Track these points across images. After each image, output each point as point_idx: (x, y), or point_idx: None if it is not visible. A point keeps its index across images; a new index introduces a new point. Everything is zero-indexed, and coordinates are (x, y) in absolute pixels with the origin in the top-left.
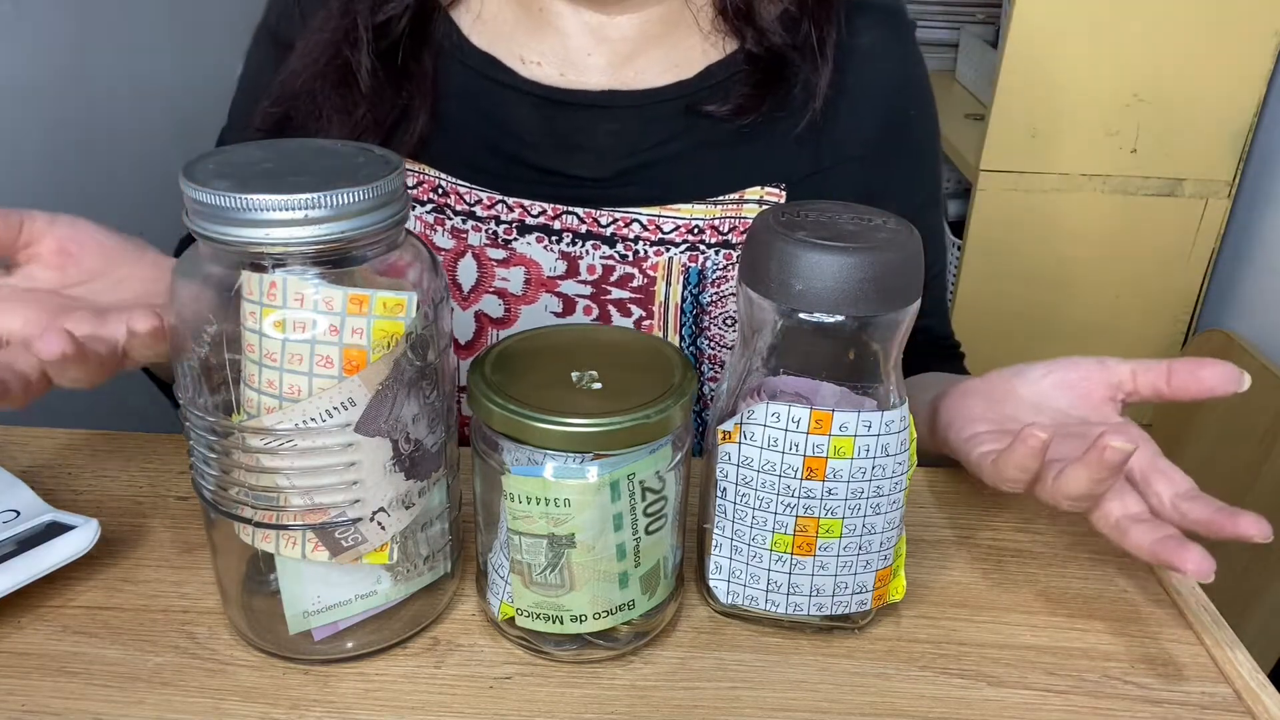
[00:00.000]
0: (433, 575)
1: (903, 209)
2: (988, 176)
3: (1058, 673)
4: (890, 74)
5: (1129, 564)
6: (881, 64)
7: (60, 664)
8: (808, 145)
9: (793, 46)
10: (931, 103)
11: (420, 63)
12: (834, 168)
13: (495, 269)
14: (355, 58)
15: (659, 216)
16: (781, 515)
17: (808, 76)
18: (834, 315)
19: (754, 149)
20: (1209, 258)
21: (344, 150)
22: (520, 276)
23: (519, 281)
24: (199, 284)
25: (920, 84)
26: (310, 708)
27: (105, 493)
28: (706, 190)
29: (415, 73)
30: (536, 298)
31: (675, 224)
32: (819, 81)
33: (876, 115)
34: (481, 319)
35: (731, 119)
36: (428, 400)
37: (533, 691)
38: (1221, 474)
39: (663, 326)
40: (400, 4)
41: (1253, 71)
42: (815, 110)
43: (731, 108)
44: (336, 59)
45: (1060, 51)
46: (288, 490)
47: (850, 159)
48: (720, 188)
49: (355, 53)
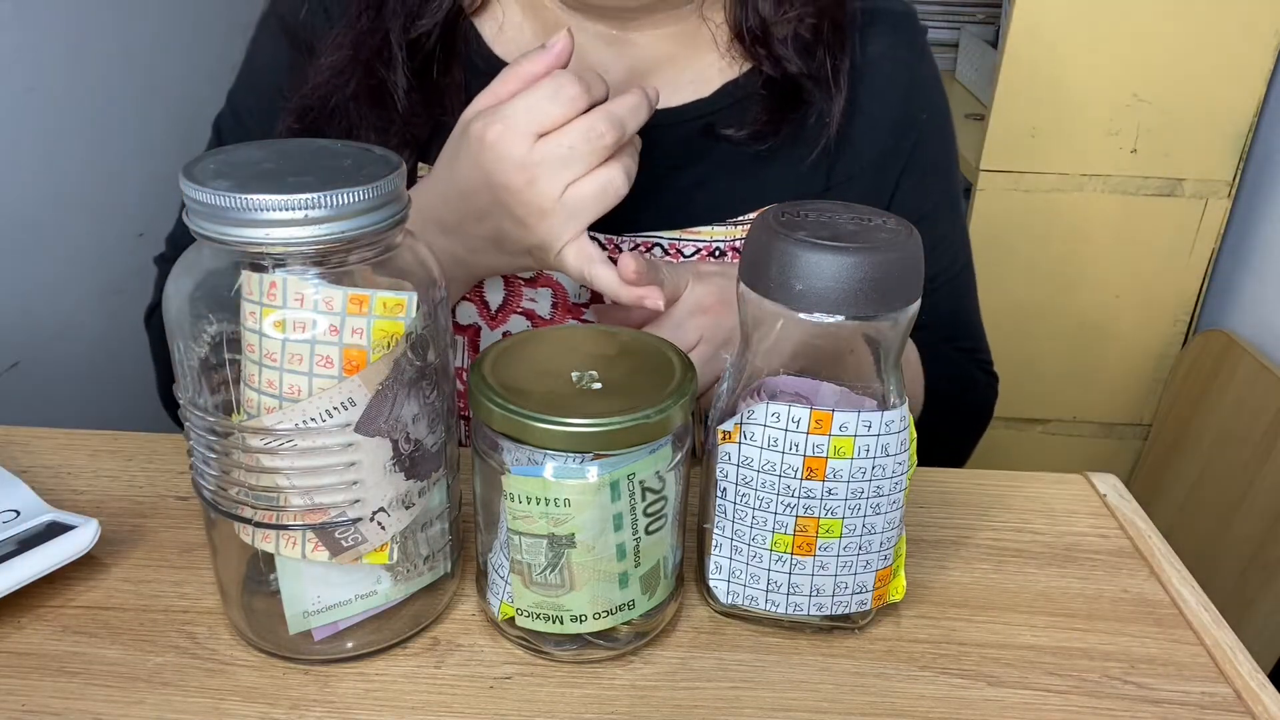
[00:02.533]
0: (433, 575)
1: (920, 214)
2: (988, 176)
3: (1058, 673)
4: (901, 80)
5: (1129, 564)
6: (892, 71)
7: (60, 664)
8: (822, 165)
9: (808, 75)
10: (944, 106)
11: (451, 76)
12: (845, 183)
13: (523, 289)
14: (390, 77)
15: (680, 240)
16: (781, 515)
17: (822, 104)
18: (834, 315)
19: (770, 172)
20: (1209, 258)
21: (344, 150)
22: (548, 299)
23: (546, 304)
24: (199, 284)
25: (931, 87)
26: (310, 708)
27: (105, 493)
28: (724, 213)
29: (447, 87)
30: (563, 321)
31: (696, 247)
32: (833, 109)
33: (886, 125)
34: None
35: (749, 144)
36: (428, 400)
37: (533, 691)
38: (1221, 474)
39: None
40: (433, 19)
41: (1253, 71)
42: (829, 137)
43: (748, 134)
44: (370, 79)
45: (1060, 51)
46: (288, 490)
47: (864, 169)
48: (738, 210)
49: (390, 72)
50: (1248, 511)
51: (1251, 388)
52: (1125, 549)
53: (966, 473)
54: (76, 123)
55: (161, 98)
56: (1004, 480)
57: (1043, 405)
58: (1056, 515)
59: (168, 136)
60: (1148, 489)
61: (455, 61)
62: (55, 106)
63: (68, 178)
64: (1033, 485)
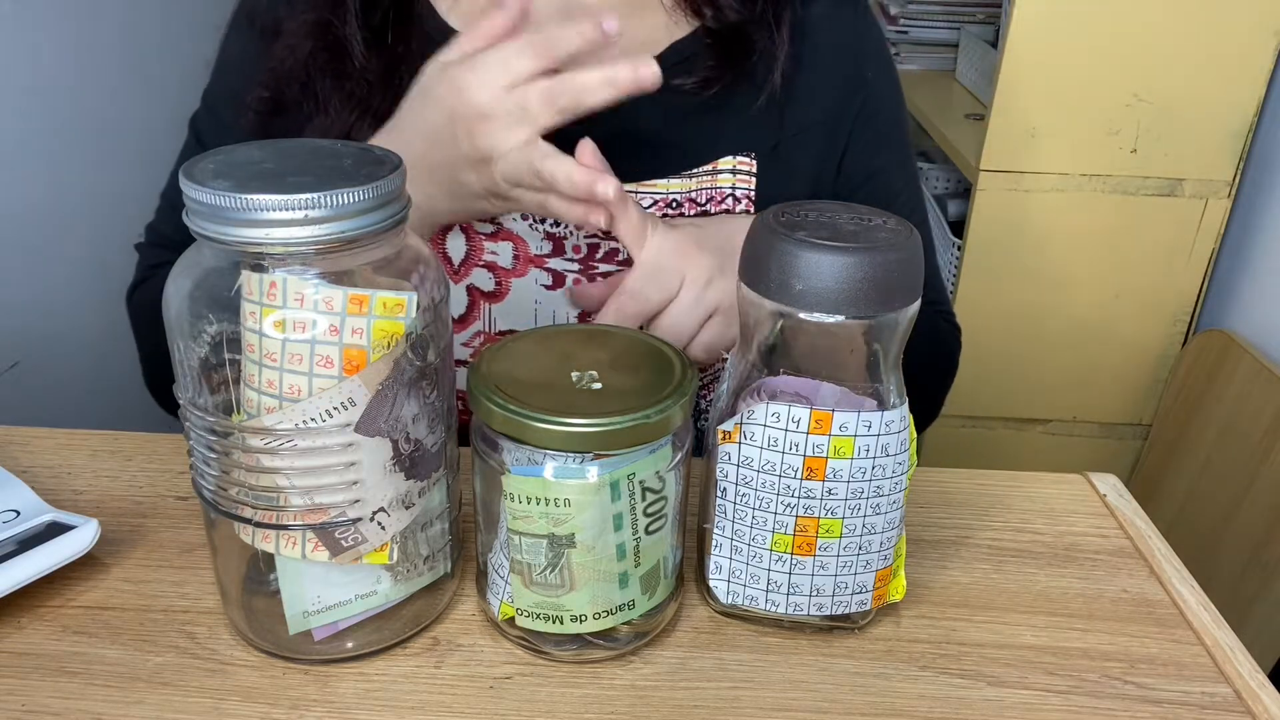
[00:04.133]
0: (433, 575)
1: (871, 170)
2: (988, 176)
3: (1058, 673)
4: (844, 40)
5: (1129, 564)
6: (834, 32)
7: (60, 664)
8: (771, 114)
9: (750, 21)
10: (889, 65)
11: (409, 45)
12: (798, 135)
13: (484, 242)
14: (346, 33)
15: (635, 193)
16: (781, 515)
17: (766, 49)
18: (834, 315)
19: (721, 120)
20: (1209, 258)
21: (344, 150)
22: (509, 251)
23: (508, 256)
24: (199, 284)
25: (874, 47)
26: (310, 708)
27: (105, 493)
28: (679, 164)
29: (405, 55)
30: (526, 271)
31: (653, 199)
32: (777, 54)
33: (834, 81)
34: (473, 293)
35: (698, 91)
36: (428, 400)
37: (533, 691)
38: (1221, 474)
39: None
40: None
41: (1253, 71)
42: (775, 82)
43: (697, 80)
44: (327, 36)
45: (1060, 51)
46: (288, 490)
47: (813, 125)
48: (692, 161)
49: (345, 28)
50: (1248, 511)
51: (1251, 388)
52: (1125, 549)
53: (966, 473)
54: (77, 123)
55: (162, 98)
56: (1004, 480)
57: (1043, 405)
58: (1056, 515)
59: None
60: (1148, 489)
61: (412, 32)
62: (55, 107)
63: (68, 178)
64: (1033, 485)
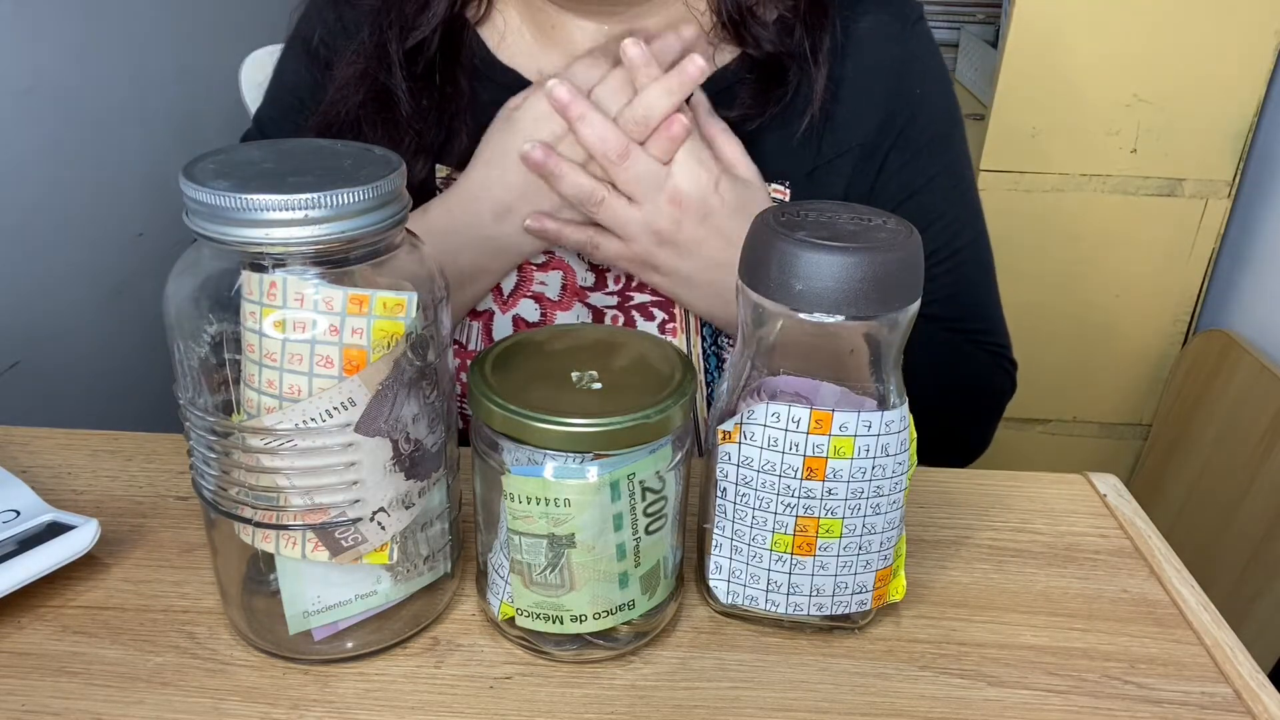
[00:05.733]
0: (433, 575)
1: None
2: (988, 176)
3: (1058, 673)
4: (890, 57)
5: (1129, 564)
6: (881, 47)
7: (60, 664)
8: (809, 143)
9: (788, 54)
10: (944, 79)
11: (457, 84)
12: (835, 160)
13: (534, 273)
14: (392, 84)
15: None
16: (781, 515)
17: (804, 81)
18: (834, 315)
19: (759, 150)
20: (1209, 258)
21: (344, 150)
22: (558, 281)
23: (556, 287)
24: (199, 284)
25: (924, 64)
26: (310, 708)
27: (105, 493)
28: None
29: (453, 94)
30: (571, 305)
31: None
32: (815, 85)
33: (875, 101)
34: (519, 324)
35: (739, 125)
36: (428, 400)
37: (533, 691)
38: (1221, 474)
39: (685, 329)
40: (428, 26)
41: (1253, 71)
42: (814, 114)
43: (737, 114)
44: (374, 87)
45: (1060, 51)
46: (288, 490)
47: (852, 148)
48: None
49: (390, 79)
50: (1248, 511)
51: (1251, 388)
52: (1125, 549)
53: (966, 473)
54: (76, 122)
55: (161, 98)
56: (1004, 480)
57: (1043, 405)
58: (1057, 515)
59: (168, 136)
60: (1148, 489)
61: (459, 69)
62: (55, 106)
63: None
64: (1033, 485)
